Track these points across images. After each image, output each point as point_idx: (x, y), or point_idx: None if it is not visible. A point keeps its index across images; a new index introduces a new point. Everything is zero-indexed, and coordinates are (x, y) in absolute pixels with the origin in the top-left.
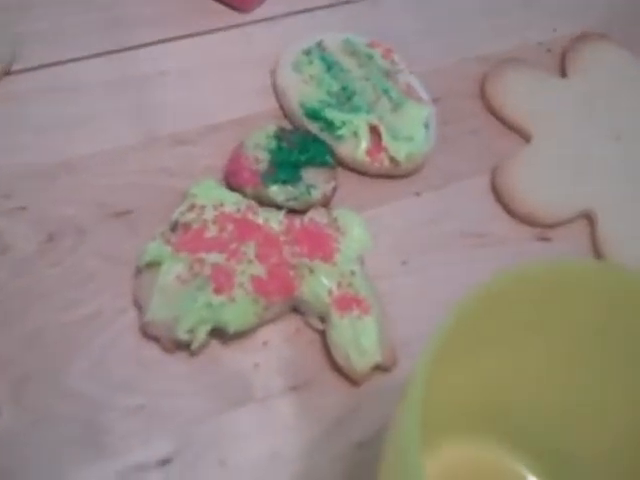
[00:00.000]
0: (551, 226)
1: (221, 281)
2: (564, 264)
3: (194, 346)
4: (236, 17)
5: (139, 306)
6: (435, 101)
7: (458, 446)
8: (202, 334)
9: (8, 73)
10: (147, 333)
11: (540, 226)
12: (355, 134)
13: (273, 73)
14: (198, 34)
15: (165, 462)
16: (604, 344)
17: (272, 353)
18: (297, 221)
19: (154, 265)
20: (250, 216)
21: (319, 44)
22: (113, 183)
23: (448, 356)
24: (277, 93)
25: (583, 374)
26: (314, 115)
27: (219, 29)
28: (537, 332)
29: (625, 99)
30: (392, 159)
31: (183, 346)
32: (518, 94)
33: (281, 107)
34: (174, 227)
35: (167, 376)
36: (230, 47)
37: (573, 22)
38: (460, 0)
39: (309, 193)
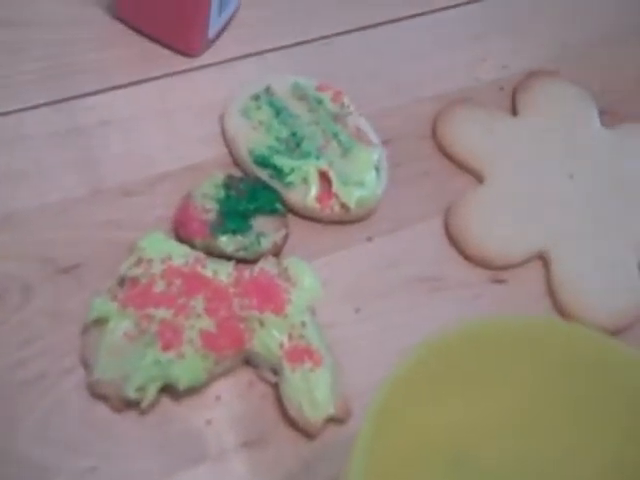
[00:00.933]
0: (506, 268)
1: (169, 337)
2: (522, 320)
3: (144, 405)
4: (182, 62)
5: (86, 365)
6: (386, 143)
7: None
8: (152, 392)
9: None
10: (95, 392)
11: (495, 268)
12: (305, 180)
13: (222, 119)
14: (144, 81)
15: None
16: (563, 400)
17: (225, 408)
18: (247, 272)
19: (101, 322)
20: (198, 269)
21: (267, 89)
22: (59, 237)
23: (401, 406)
24: (226, 140)
25: (543, 425)
26: (263, 162)
27: (165, 75)
28: (498, 384)
29: (577, 136)
30: (343, 205)
31: (133, 405)
32: (469, 134)
33: (230, 154)
34: (122, 282)
35: (118, 436)
36: (177, 93)
37: (524, 59)
38: (410, 40)
39: (259, 242)
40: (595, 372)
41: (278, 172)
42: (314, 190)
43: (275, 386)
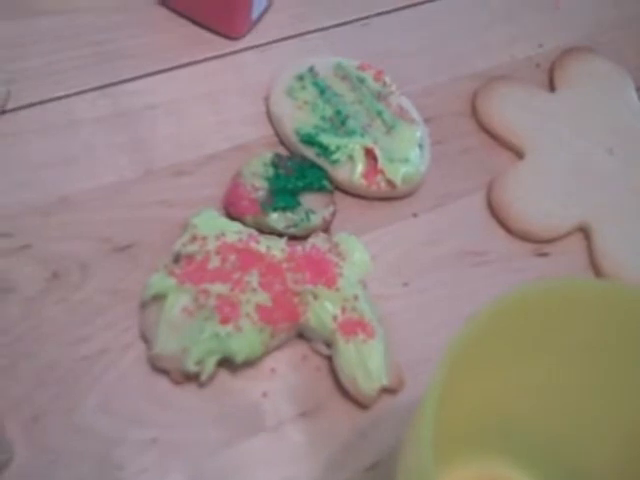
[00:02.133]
0: (548, 241)
1: (227, 311)
2: (566, 283)
3: (203, 377)
4: (226, 45)
5: (146, 340)
6: (427, 121)
7: (468, 464)
8: (210, 365)
9: (3, 112)
10: (156, 366)
11: (537, 241)
12: (351, 158)
13: (267, 100)
14: (189, 64)
15: None
16: (605, 358)
17: (280, 381)
18: (299, 248)
19: (159, 298)
20: (252, 245)
21: (311, 69)
22: (113, 217)
23: (458, 375)
24: (272, 120)
25: (586, 388)
26: (309, 141)
27: (209, 58)
28: (541, 350)
29: (615, 111)
30: (389, 181)
31: (192, 378)
32: (509, 110)
33: (276, 134)
34: (177, 259)
35: (178, 408)
36: (222, 76)
37: (559, 36)
38: (446, 20)
39: (308, 219)
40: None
41: (324, 150)
42: (360, 167)
43: (329, 358)
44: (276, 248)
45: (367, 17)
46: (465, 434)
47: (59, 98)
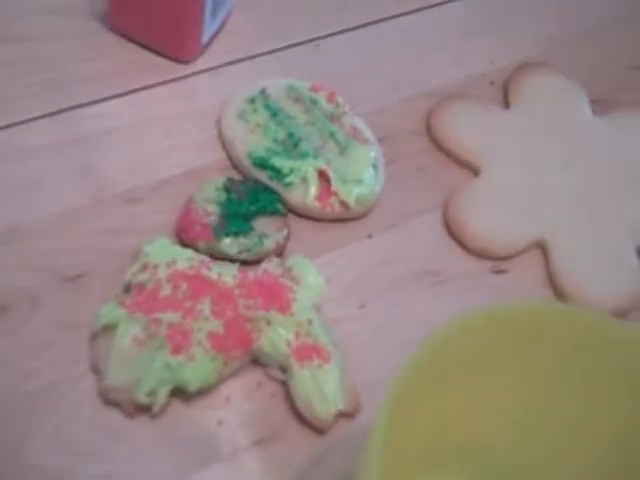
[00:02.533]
0: (505, 258)
1: (178, 340)
2: (523, 305)
3: (155, 408)
4: (177, 69)
5: (97, 372)
6: (381, 141)
7: None
8: (162, 396)
9: None
10: (107, 399)
11: (494, 259)
12: (304, 180)
13: (219, 123)
14: (140, 89)
15: None
16: (568, 384)
17: (235, 408)
18: (251, 273)
19: (110, 329)
20: (203, 272)
21: (262, 92)
22: (64, 247)
23: (412, 398)
24: (224, 143)
25: (550, 413)
26: (262, 164)
27: (161, 83)
28: (502, 373)
29: (569, 126)
30: (342, 203)
31: (145, 409)
32: (463, 128)
33: (229, 157)
34: (128, 288)
35: (131, 441)
36: (174, 100)
37: (510, 53)
38: (397, 39)
39: (262, 243)
40: (599, 352)
41: (277, 173)
42: (314, 189)
43: (284, 384)
44: (228, 274)
45: (318, 38)
46: (424, 457)
47: (9, 126)
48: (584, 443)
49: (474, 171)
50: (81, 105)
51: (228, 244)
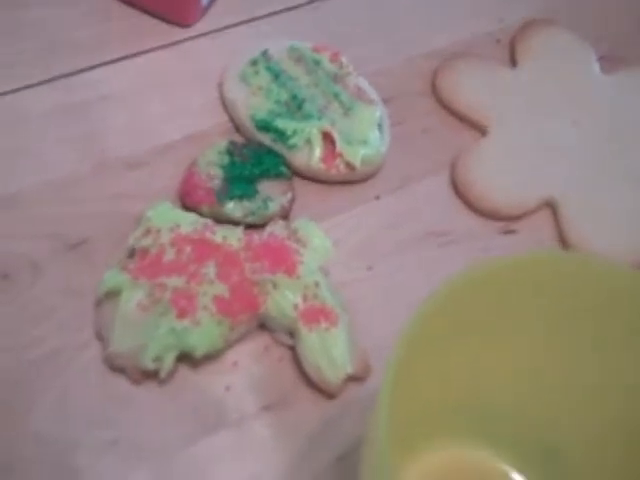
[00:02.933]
0: (515, 218)
1: (183, 305)
2: (530, 256)
3: (162, 374)
4: (177, 33)
5: (102, 338)
6: (386, 101)
7: (442, 450)
8: (169, 361)
9: None
10: (112, 365)
11: (504, 219)
12: (308, 142)
13: (220, 87)
14: (140, 53)
15: None
16: (578, 334)
17: (243, 373)
18: (256, 236)
19: (114, 295)
20: (208, 236)
21: (264, 54)
22: (65, 213)
23: (419, 358)
24: (226, 107)
25: (560, 367)
26: (265, 126)
27: (161, 47)
28: (510, 327)
29: (578, 83)
30: (348, 164)
31: (151, 375)
32: (470, 87)
33: (231, 121)
34: (131, 254)
35: (138, 408)
36: (174, 64)
37: (519, 10)
38: None
39: (266, 206)
40: (613, 305)
41: (281, 135)
42: (318, 151)
43: (292, 349)
44: (233, 238)
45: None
46: (433, 418)
47: (7, 92)
48: (592, 400)
49: (481, 131)
50: (80, 70)
51: (232, 208)
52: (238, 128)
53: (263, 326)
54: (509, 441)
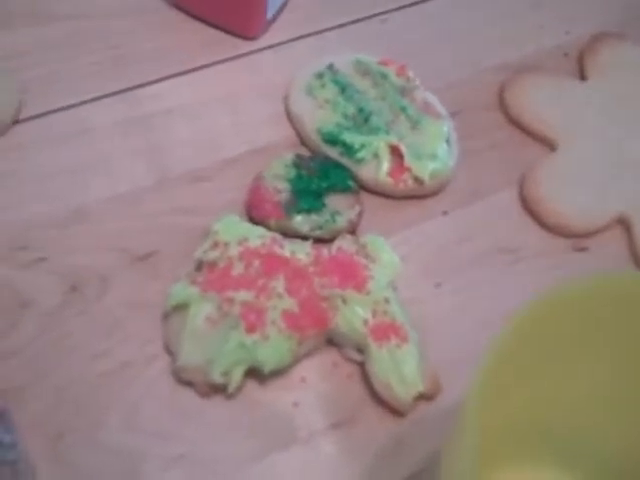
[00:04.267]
0: (586, 235)
1: (252, 319)
2: (612, 278)
3: (230, 389)
4: (242, 46)
5: (170, 351)
6: (453, 115)
7: (512, 473)
8: (238, 376)
9: (15, 122)
10: (181, 378)
11: (575, 236)
12: (376, 156)
13: (286, 100)
14: (205, 66)
15: None
16: None
17: (311, 390)
18: (325, 251)
19: (182, 308)
20: (276, 250)
21: (330, 67)
22: (132, 226)
23: (500, 379)
24: (292, 120)
25: (627, 390)
26: (332, 140)
27: (226, 60)
28: (587, 350)
29: None
30: (416, 178)
31: (219, 389)
32: (538, 101)
33: (297, 134)
34: (199, 267)
35: (205, 422)
36: (239, 77)
37: (586, 23)
38: (467, 11)
39: (334, 220)
40: None
41: (348, 149)
42: (386, 165)
43: (361, 365)
44: (301, 252)
45: (385, 12)
46: (507, 441)
47: (73, 106)
48: None
49: (551, 146)
50: (145, 84)
51: (300, 221)
52: (304, 141)
53: (331, 342)
54: (591, 469)
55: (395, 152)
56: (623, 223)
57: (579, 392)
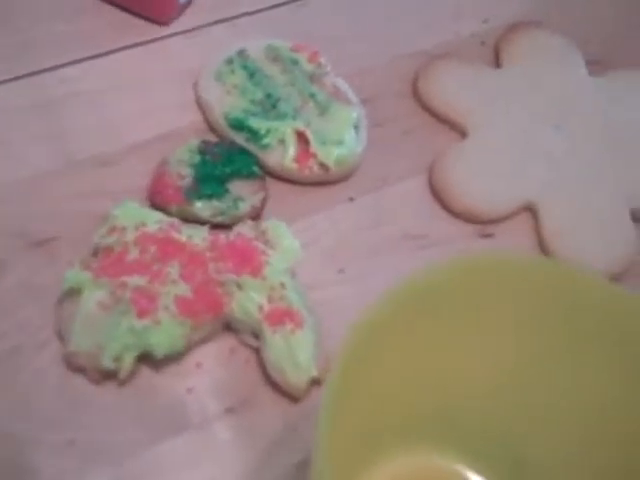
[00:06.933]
0: (493, 222)
1: (143, 304)
2: (494, 257)
3: (122, 375)
4: (154, 31)
5: (62, 337)
6: (365, 102)
7: (403, 456)
8: (129, 361)
9: None
10: (72, 364)
11: (482, 222)
12: (282, 142)
13: (195, 86)
14: (115, 50)
15: None
16: (547, 342)
17: (206, 375)
18: (222, 236)
19: (75, 293)
20: (173, 234)
21: (240, 52)
22: (32, 211)
23: (372, 360)
24: (200, 106)
25: (530, 377)
26: (238, 125)
27: (137, 44)
28: (478, 330)
29: (562, 87)
30: (322, 164)
31: (111, 375)
32: (452, 88)
33: (206, 120)
34: (96, 252)
35: (97, 408)
36: (150, 62)
37: (504, 12)
38: None
39: (236, 206)
40: (594, 316)
41: (254, 134)
42: (292, 151)
43: (257, 351)
44: (198, 237)
45: None
46: (396, 425)
47: None
48: (562, 413)
49: (461, 133)
50: (52, 67)
51: (201, 207)
52: (212, 128)
53: (229, 327)
54: (478, 451)
55: (301, 138)
56: (530, 210)
57: (467, 377)
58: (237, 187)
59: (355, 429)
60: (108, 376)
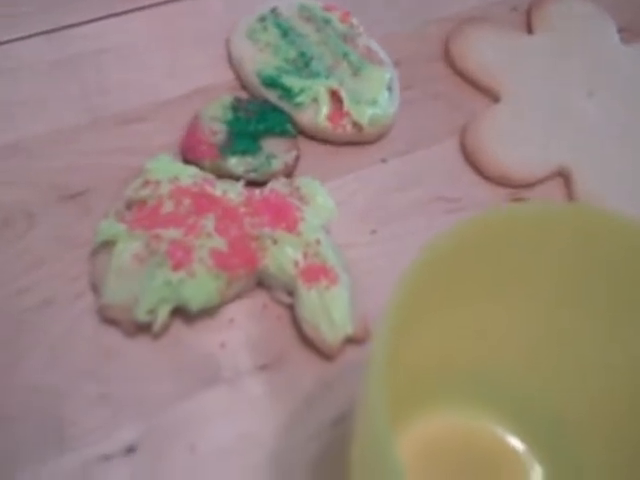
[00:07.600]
0: (526, 186)
1: (179, 257)
2: (532, 207)
3: (156, 328)
4: None
5: (95, 289)
6: (397, 64)
7: (442, 415)
8: (163, 314)
9: None
10: (106, 317)
11: (514, 186)
12: (315, 100)
13: (227, 43)
14: (146, 7)
15: (131, 450)
16: (587, 293)
17: (239, 331)
18: (257, 192)
19: (109, 245)
20: (207, 189)
21: (273, 10)
22: (64, 164)
23: (415, 319)
24: (233, 63)
25: (569, 333)
26: (271, 83)
27: (169, 1)
28: (514, 289)
29: (595, 53)
30: (355, 124)
31: (145, 328)
32: (485, 53)
33: (238, 77)
34: (129, 205)
35: (130, 361)
36: (181, 19)
37: None
38: None
39: (269, 163)
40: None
41: (287, 92)
42: (325, 109)
43: (290, 308)
44: (233, 192)
45: None
46: (432, 383)
47: (5, 42)
48: (600, 371)
49: (494, 97)
50: (83, 22)
51: (235, 163)
52: (244, 85)
53: (262, 284)
54: (513, 409)
55: (335, 97)
56: (563, 175)
57: (502, 334)
58: (270, 144)
59: (397, 381)
60: (142, 329)
